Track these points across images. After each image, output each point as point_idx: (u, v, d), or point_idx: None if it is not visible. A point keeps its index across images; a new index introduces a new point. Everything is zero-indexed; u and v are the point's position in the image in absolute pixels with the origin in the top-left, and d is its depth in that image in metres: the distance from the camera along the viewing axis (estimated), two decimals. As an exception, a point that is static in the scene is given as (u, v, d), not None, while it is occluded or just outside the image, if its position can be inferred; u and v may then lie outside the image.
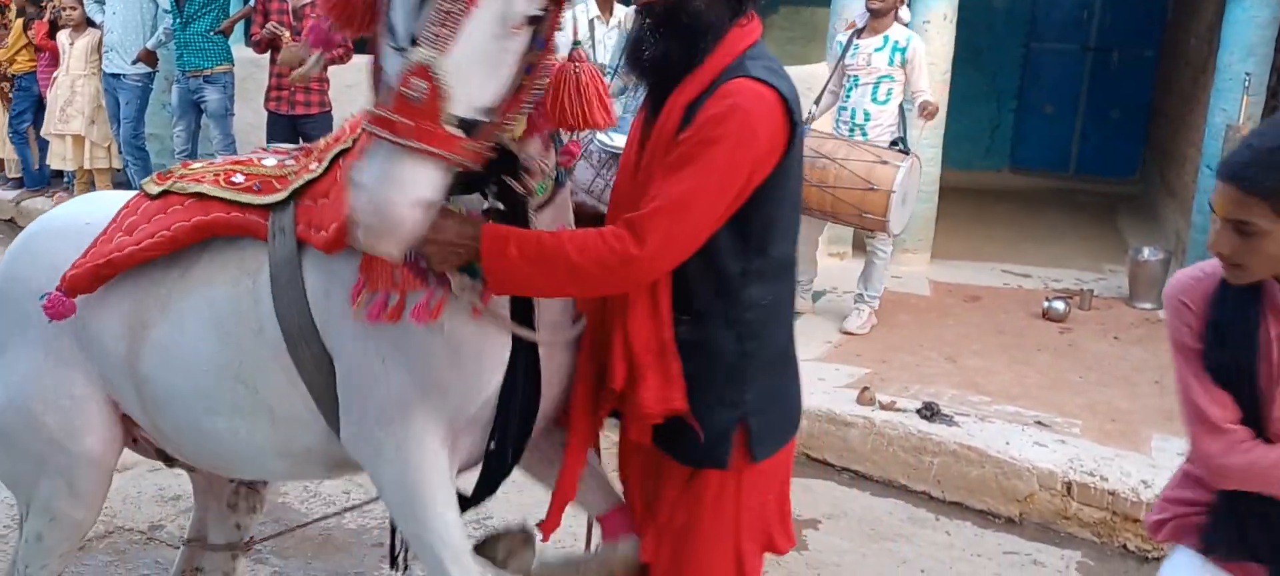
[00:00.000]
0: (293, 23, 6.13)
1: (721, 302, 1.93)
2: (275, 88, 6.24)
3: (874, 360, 5.05)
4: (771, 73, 1.84)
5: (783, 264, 1.99)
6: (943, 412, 4.31)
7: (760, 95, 1.80)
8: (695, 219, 1.80)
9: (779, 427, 2.07)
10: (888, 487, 4.22)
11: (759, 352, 1.97)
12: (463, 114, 1.64)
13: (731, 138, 1.78)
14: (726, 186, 1.80)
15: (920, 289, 6.30)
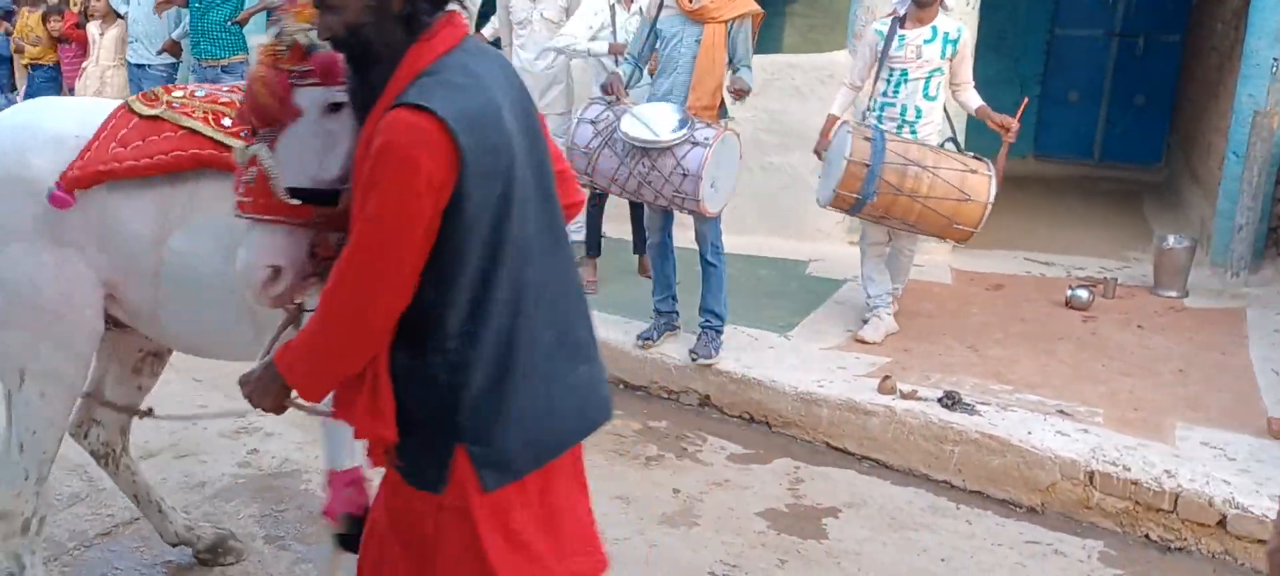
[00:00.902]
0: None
1: (424, 331, 1.88)
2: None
3: (895, 349, 5.03)
4: (443, 90, 1.78)
5: (481, 291, 1.87)
6: (964, 401, 4.29)
7: (412, 125, 1.73)
8: (382, 262, 1.79)
9: (520, 453, 1.97)
10: (909, 476, 4.21)
11: (471, 381, 1.89)
12: (301, 183, 2.01)
13: (387, 178, 1.75)
14: (399, 227, 1.77)
15: (942, 277, 6.28)
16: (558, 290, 2.02)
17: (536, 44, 6.20)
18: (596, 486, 3.99)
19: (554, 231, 2.02)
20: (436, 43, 1.85)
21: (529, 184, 1.91)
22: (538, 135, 1.99)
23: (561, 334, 2.02)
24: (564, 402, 2.03)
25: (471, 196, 1.78)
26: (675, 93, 4.78)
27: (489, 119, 1.80)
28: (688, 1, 4.75)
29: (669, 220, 5.00)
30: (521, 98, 1.97)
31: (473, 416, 1.92)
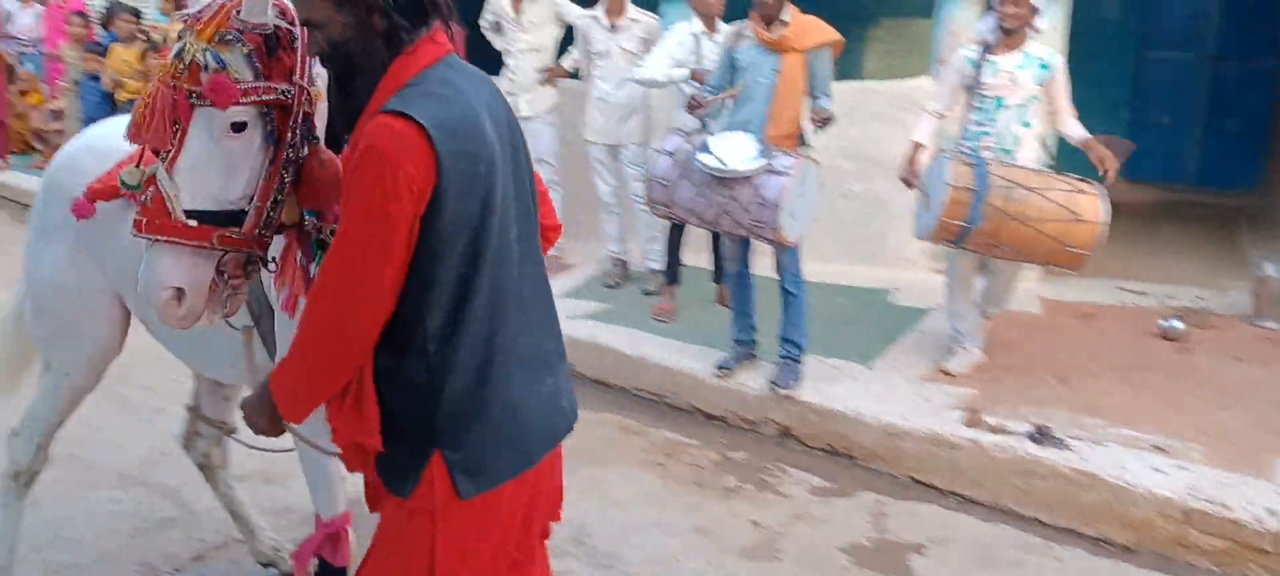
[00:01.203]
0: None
1: (406, 334, 1.90)
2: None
3: (982, 381, 4.93)
4: (424, 100, 1.81)
5: (460, 295, 1.89)
6: (1054, 436, 4.18)
7: (393, 131, 1.77)
8: (364, 266, 1.81)
9: (492, 462, 1.99)
10: (997, 512, 4.11)
11: (450, 385, 1.91)
12: (202, 206, 2.03)
13: (367, 182, 1.78)
14: (381, 230, 1.78)
15: (1030, 306, 6.14)
16: (532, 300, 2.05)
17: (615, 75, 6.25)
18: (673, 517, 4.01)
19: (531, 243, 2.07)
20: (418, 57, 1.90)
21: (509, 195, 1.95)
22: (520, 150, 2.04)
23: (534, 344, 2.05)
24: (535, 414, 2.05)
25: (451, 201, 1.81)
26: (753, 123, 4.77)
27: (469, 128, 1.84)
28: (766, 32, 4.74)
29: (747, 249, 4.98)
30: (505, 113, 2.02)
31: (451, 421, 1.94)
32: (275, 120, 2.09)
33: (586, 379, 5.51)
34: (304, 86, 2.11)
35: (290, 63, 2.11)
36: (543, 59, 6.72)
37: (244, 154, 2.07)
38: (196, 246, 2.04)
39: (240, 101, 2.02)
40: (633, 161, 6.36)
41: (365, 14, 1.87)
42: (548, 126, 6.79)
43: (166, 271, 2.04)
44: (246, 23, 2.05)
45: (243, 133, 2.05)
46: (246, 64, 2.04)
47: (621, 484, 4.34)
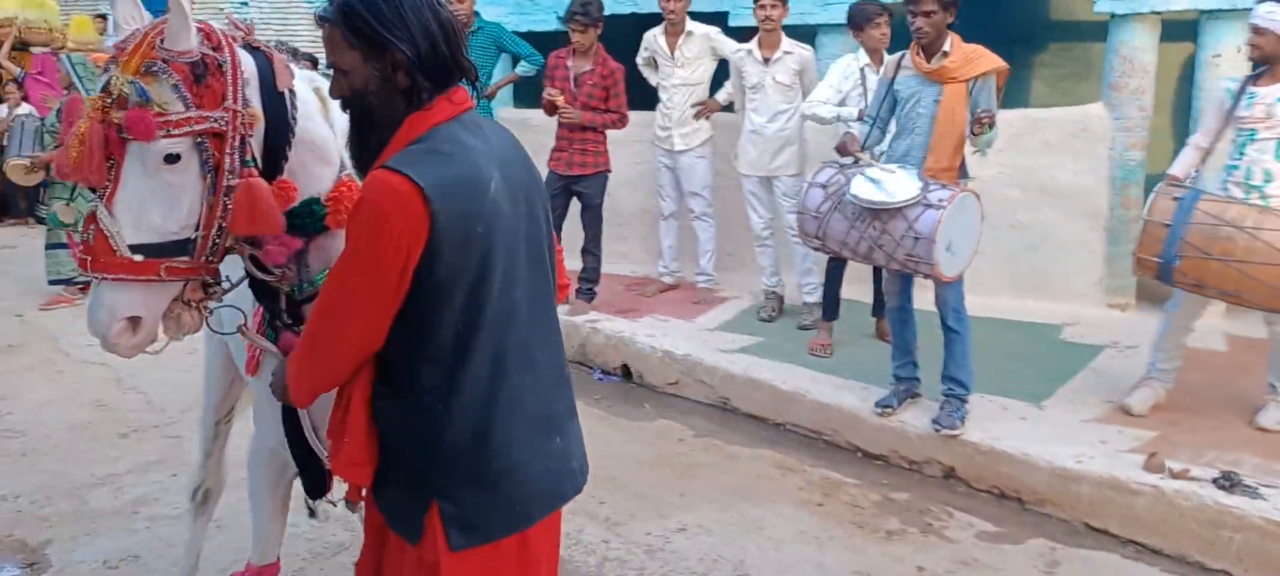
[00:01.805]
0: (572, 89, 6.41)
1: (402, 384, 1.96)
2: (556, 148, 6.55)
3: (1162, 422, 4.64)
4: (426, 157, 1.87)
5: (457, 351, 1.92)
6: (1244, 483, 3.89)
7: (389, 187, 1.82)
8: (344, 309, 1.89)
9: (487, 518, 2.00)
10: (1180, 564, 3.85)
11: (445, 435, 1.95)
12: (146, 240, 2.05)
13: (356, 231, 1.86)
14: (363, 277, 1.86)
15: (1215, 343, 5.76)
16: (542, 360, 2.06)
17: (769, 108, 6.22)
18: (833, 558, 3.92)
19: (544, 301, 2.09)
20: (433, 114, 1.95)
21: (517, 253, 1.97)
22: (536, 207, 2.06)
23: (541, 404, 2.06)
24: (538, 474, 2.05)
25: (445, 259, 1.85)
26: (913, 155, 4.65)
27: (469, 187, 1.88)
28: (925, 62, 4.63)
29: (908, 283, 4.84)
30: (521, 171, 2.04)
31: (447, 473, 1.97)
32: (211, 148, 2.08)
33: (740, 413, 5.46)
34: (237, 110, 2.10)
35: (221, 89, 2.09)
36: (697, 94, 6.74)
37: (182, 185, 2.07)
38: (145, 281, 2.07)
39: (170, 133, 2.02)
40: (786, 194, 6.30)
41: (391, 70, 1.94)
42: (700, 160, 6.80)
43: (117, 304, 2.07)
44: (171, 52, 2.04)
45: (177, 164, 2.05)
46: (174, 94, 2.03)
47: (778, 522, 4.27)
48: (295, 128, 2.23)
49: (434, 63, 1.94)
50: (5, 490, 4.58)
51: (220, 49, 2.11)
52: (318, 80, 2.42)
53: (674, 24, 6.69)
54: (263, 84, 2.19)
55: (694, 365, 5.72)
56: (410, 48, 1.91)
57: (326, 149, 2.33)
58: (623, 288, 7.21)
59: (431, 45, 1.93)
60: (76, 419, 5.26)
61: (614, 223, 7.47)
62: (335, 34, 1.95)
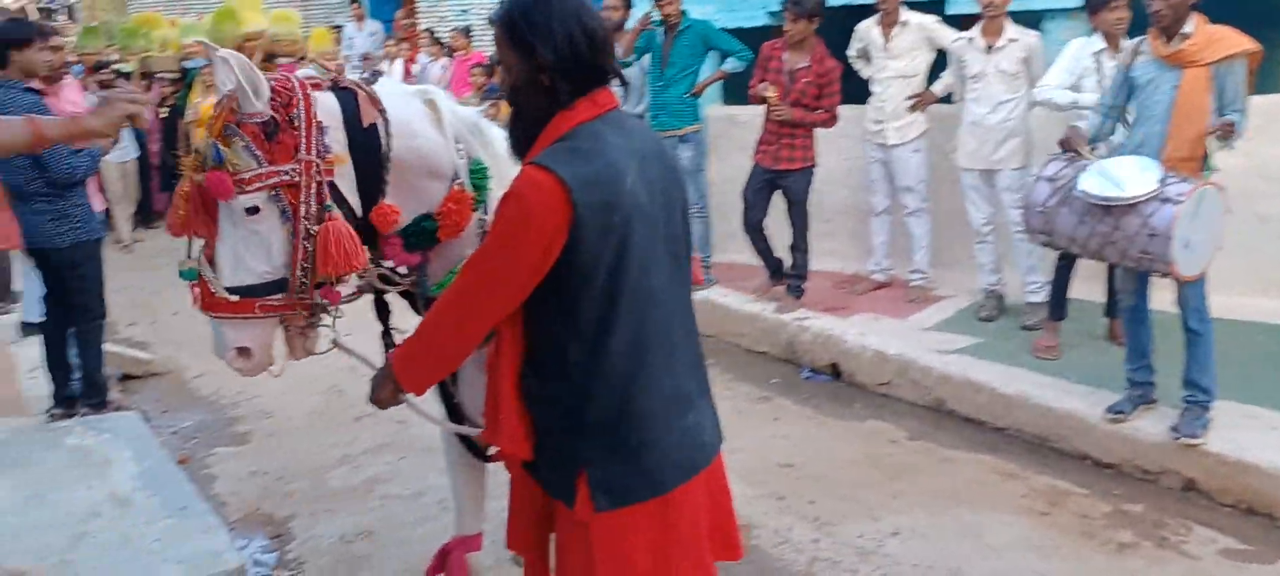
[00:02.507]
0: (785, 84, 6.36)
1: (550, 360, 2.16)
2: (762, 141, 6.52)
3: None
4: (569, 154, 2.04)
5: (599, 330, 2.10)
6: None
7: (535, 182, 2.01)
8: (483, 290, 2.10)
9: (628, 484, 2.17)
10: None
11: (590, 408, 2.14)
12: (242, 283, 2.31)
13: (503, 223, 2.06)
14: (506, 263, 2.05)
15: None
16: (678, 343, 2.23)
17: (991, 98, 5.96)
18: (1058, 569, 3.72)
19: (680, 288, 2.26)
20: (576, 114, 2.11)
21: (655, 241, 2.14)
22: (673, 200, 2.22)
23: (676, 383, 2.22)
24: (673, 447, 2.21)
25: (586, 245, 2.03)
26: (1149, 144, 4.35)
27: (608, 181, 2.05)
28: (1163, 45, 4.32)
29: (1144, 281, 4.53)
30: (660, 167, 2.20)
31: (592, 442, 2.16)
32: (286, 198, 2.30)
33: (956, 416, 5.27)
34: (311, 160, 2.29)
35: (293, 142, 2.30)
36: (913, 85, 6.54)
37: (266, 232, 2.30)
38: (244, 318, 2.33)
39: (244, 190, 2.25)
40: (1009, 188, 6.01)
41: (536, 71, 2.11)
42: (915, 154, 6.60)
43: (229, 337, 2.37)
44: (243, 115, 2.26)
45: (258, 215, 2.28)
46: (247, 154, 2.26)
47: (999, 529, 4.09)
48: (389, 155, 2.41)
49: (575, 67, 2.10)
50: (255, 466, 4.97)
51: (291, 104, 2.31)
52: (432, 92, 2.58)
53: (888, 14, 6.52)
54: (348, 123, 2.39)
55: (907, 365, 5.56)
56: (552, 53, 2.08)
57: (434, 162, 2.50)
58: (831, 285, 7.09)
59: (572, 52, 2.09)
60: (315, 403, 5.64)
61: (821, 218, 7.35)
62: (499, 34, 2.15)
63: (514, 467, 2.39)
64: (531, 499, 2.42)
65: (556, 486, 2.25)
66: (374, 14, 14.97)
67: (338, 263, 2.35)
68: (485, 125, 2.62)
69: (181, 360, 6.55)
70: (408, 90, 2.57)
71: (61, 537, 3.68)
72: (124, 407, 5.48)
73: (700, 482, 2.29)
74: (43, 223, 5.11)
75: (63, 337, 5.35)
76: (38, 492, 4.05)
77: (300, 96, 2.33)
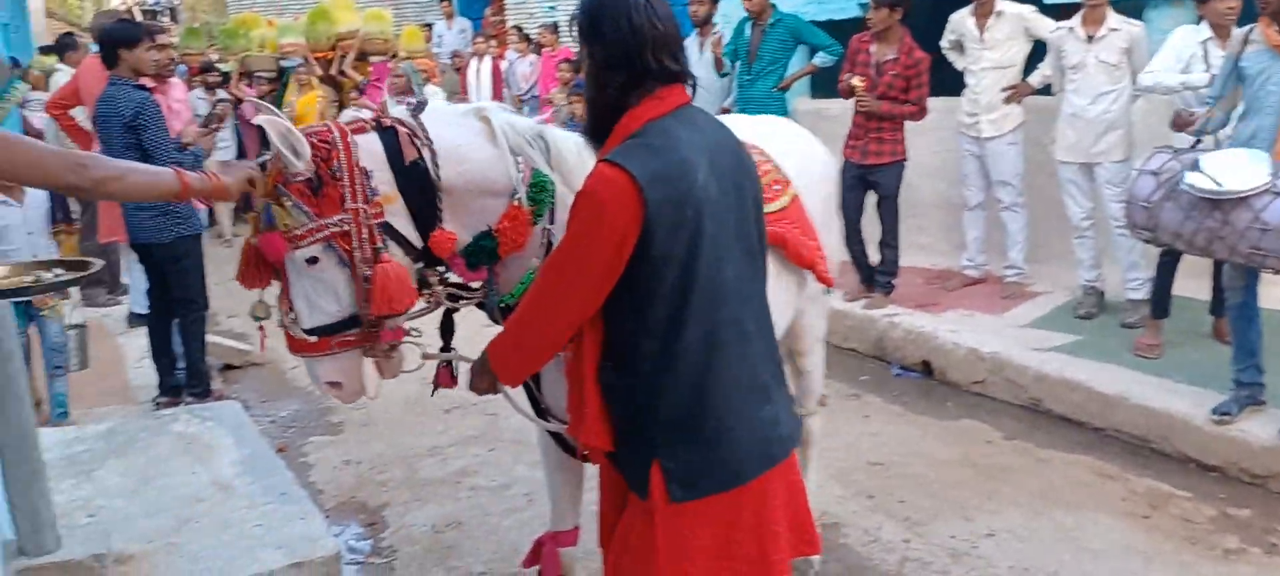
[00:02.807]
0: (873, 76, 6.27)
1: (624, 354, 2.20)
2: (851, 136, 6.43)
3: None
4: (640, 151, 2.08)
5: (672, 324, 2.13)
6: None
7: (607, 179, 2.06)
8: (562, 289, 2.16)
9: (702, 475, 2.20)
10: None
11: (663, 400, 2.18)
12: (318, 324, 2.45)
13: (578, 220, 2.11)
14: (582, 261, 2.11)
15: None
16: (753, 333, 2.25)
17: (1091, 89, 5.78)
18: (1159, 573, 3.59)
19: (754, 280, 2.29)
20: (645, 110, 2.16)
21: (727, 234, 2.17)
22: (746, 193, 2.25)
23: (752, 374, 2.24)
24: (748, 438, 2.23)
25: (658, 240, 2.07)
26: (1261, 137, 4.19)
27: (678, 176, 2.08)
28: (1277, 34, 4.14)
29: (1254, 277, 4.36)
30: (731, 160, 2.23)
31: (666, 435, 2.20)
32: (339, 246, 2.40)
33: (1053, 415, 5.14)
34: (357, 209, 2.38)
35: (338, 193, 2.38)
36: (1008, 77, 6.39)
37: (329, 278, 2.43)
38: (324, 355, 2.47)
39: (298, 246, 2.38)
40: (1110, 181, 5.83)
41: (605, 68, 2.17)
42: (1010, 146, 6.45)
43: (316, 372, 2.52)
44: (288, 176, 2.36)
45: (318, 264, 2.41)
46: (298, 212, 2.37)
47: (1098, 533, 3.97)
48: (440, 183, 2.48)
49: (627, 65, 2.15)
50: (350, 455, 5.08)
51: (331, 158, 2.38)
52: (487, 109, 2.60)
53: (983, 4, 6.38)
54: (392, 161, 2.46)
55: (1002, 363, 5.43)
56: (604, 54, 2.16)
57: (488, 182, 2.53)
58: (922, 280, 6.97)
59: (625, 55, 2.14)
60: (408, 394, 5.72)
61: (913, 213, 7.24)
62: (579, 35, 2.23)
63: (601, 462, 2.43)
64: (617, 494, 2.45)
65: (632, 477, 2.29)
66: (463, 11, 15.20)
67: (388, 303, 2.42)
68: (550, 133, 2.62)
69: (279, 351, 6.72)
70: (460, 111, 2.61)
71: (168, 521, 3.81)
72: (226, 396, 5.66)
73: (777, 475, 2.29)
74: (147, 219, 5.31)
75: (167, 329, 5.54)
76: (145, 477, 4.19)
77: (340, 148, 2.40)
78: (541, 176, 2.55)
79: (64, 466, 4.22)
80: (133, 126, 5.16)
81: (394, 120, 2.50)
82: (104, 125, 5.31)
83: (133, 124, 5.16)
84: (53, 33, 12.99)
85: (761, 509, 2.26)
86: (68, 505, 3.81)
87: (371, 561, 4.06)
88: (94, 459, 4.39)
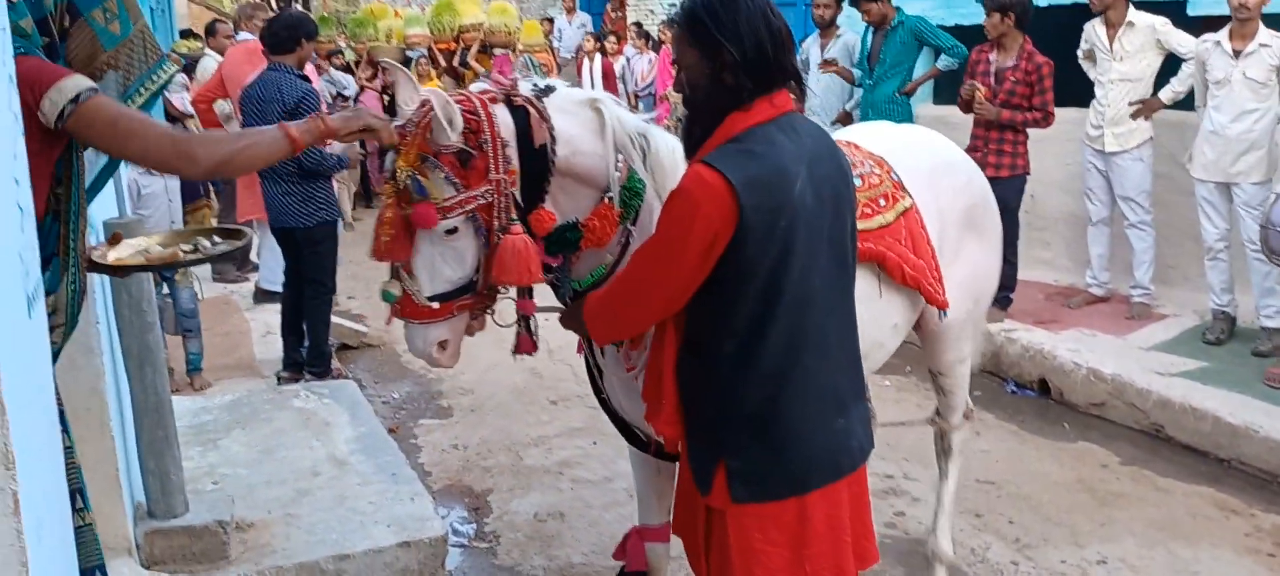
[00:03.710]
0: (992, 84, 6.13)
1: (705, 350, 2.22)
2: (970, 147, 6.28)
3: None
4: (739, 156, 2.08)
5: (755, 327, 2.14)
6: None
7: (703, 181, 2.06)
8: (648, 286, 2.21)
9: (767, 478, 2.21)
10: None
11: (737, 401, 2.19)
12: (439, 290, 2.48)
13: (670, 218, 2.14)
14: (671, 257, 2.12)
15: None
16: (836, 343, 2.26)
17: (1235, 106, 5.52)
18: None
19: (842, 289, 2.28)
20: (752, 115, 2.15)
21: (819, 243, 2.16)
22: (842, 200, 2.25)
23: (830, 384, 2.25)
24: (818, 448, 2.23)
25: (749, 247, 2.07)
26: None
27: (775, 185, 2.08)
28: None
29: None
30: (831, 169, 2.22)
31: (736, 434, 2.21)
32: (480, 217, 2.44)
33: (1175, 443, 4.95)
34: (500, 179, 2.42)
35: (484, 165, 2.41)
36: (1138, 90, 6.15)
37: (463, 247, 2.47)
38: (440, 317, 2.51)
39: (446, 216, 2.39)
40: (1248, 203, 5.56)
41: (719, 70, 2.14)
42: (1137, 162, 6.20)
43: (429, 335, 2.53)
44: (438, 144, 2.37)
45: (455, 234, 2.44)
46: (445, 182, 2.39)
47: (1219, 569, 3.82)
48: (554, 168, 2.50)
49: (759, 66, 2.13)
50: (458, 440, 5.20)
51: (479, 130, 2.41)
52: (601, 100, 2.61)
53: (1113, 13, 6.15)
54: (521, 139, 2.48)
55: (1123, 386, 5.25)
56: (738, 50, 2.11)
57: (592, 174, 2.55)
58: (1043, 296, 6.77)
59: (758, 50, 2.12)
60: (515, 382, 5.84)
61: (1036, 227, 7.04)
62: (680, 35, 2.20)
63: (678, 452, 2.44)
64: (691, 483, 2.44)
65: (698, 471, 2.30)
66: (584, 7, 15.33)
67: (512, 274, 2.45)
68: (652, 133, 2.63)
69: (394, 333, 6.92)
70: (577, 99, 2.62)
71: (287, 492, 3.96)
72: (343, 375, 5.85)
73: (844, 486, 2.29)
74: (292, 204, 5.52)
75: (299, 308, 5.75)
76: (267, 449, 4.37)
77: (485, 120, 2.44)
78: (635, 180, 2.57)
79: (192, 434, 4.43)
80: (294, 113, 5.28)
81: (525, 99, 2.53)
82: (259, 107, 5.48)
83: (294, 111, 5.31)
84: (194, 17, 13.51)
85: (830, 518, 2.26)
86: (194, 471, 3.99)
87: (475, 545, 4.15)
88: (220, 428, 4.59)
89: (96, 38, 2.32)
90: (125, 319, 3.37)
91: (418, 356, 2.61)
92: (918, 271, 3.01)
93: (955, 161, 3.52)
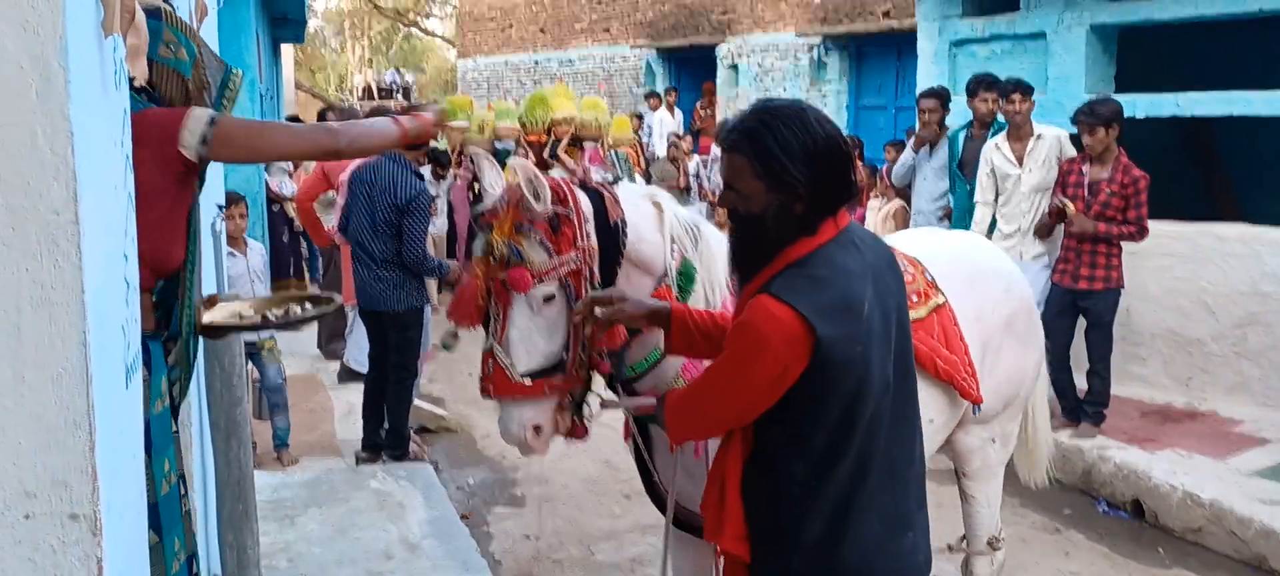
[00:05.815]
0: (1086, 196, 6.01)
1: (775, 469, 2.14)
2: (1061, 260, 6.15)
3: None
4: (806, 283, 2.02)
5: (828, 453, 2.08)
6: None
7: (772, 315, 2.00)
8: (714, 406, 2.16)
9: None
10: None
11: (807, 523, 2.12)
12: (534, 366, 2.46)
13: (737, 353, 2.07)
14: (738, 390, 2.07)
15: None
16: (901, 462, 2.20)
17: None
18: None
19: (908, 404, 2.23)
20: (817, 238, 2.09)
21: (887, 362, 2.10)
22: (903, 317, 2.20)
23: (895, 503, 2.19)
24: (885, 567, 2.19)
25: (825, 377, 2.02)
26: None
27: (847, 311, 2.03)
28: None
29: None
30: (891, 280, 2.19)
31: (804, 559, 2.14)
32: (572, 283, 2.47)
33: (1272, 572, 4.68)
34: (586, 248, 2.48)
35: (572, 233, 2.47)
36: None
37: (556, 317, 2.48)
38: (535, 396, 2.47)
39: (542, 281, 2.43)
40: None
41: (790, 200, 2.05)
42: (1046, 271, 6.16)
43: (524, 416, 2.49)
44: (532, 212, 2.44)
45: (552, 302, 2.46)
46: (540, 248, 2.43)
47: None
48: (625, 251, 2.57)
49: (831, 193, 2.07)
50: (529, 530, 5.17)
51: (565, 201, 2.49)
52: (659, 195, 2.73)
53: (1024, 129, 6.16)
54: (597, 219, 2.55)
55: (1223, 512, 5.00)
56: (813, 183, 2.04)
57: (651, 262, 2.64)
58: (1138, 414, 6.54)
59: (830, 177, 2.06)
60: (588, 472, 5.80)
61: (1130, 341, 6.83)
62: (743, 164, 2.08)
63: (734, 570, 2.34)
64: None
65: None
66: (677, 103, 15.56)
67: (610, 337, 2.52)
68: (704, 226, 2.74)
69: (472, 418, 6.96)
70: (640, 193, 2.75)
71: (359, 572, 3.97)
72: (421, 458, 5.88)
73: None
74: (386, 289, 5.59)
75: (382, 390, 5.81)
76: (342, 528, 4.39)
77: (568, 191, 2.53)
78: (690, 265, 2.66)
79: (270, 509, 4.48)
80: (402, 209, 5.42)
81: (599, 185, 2.64)
82: (367, 192, 5.55)
83: (404, 207, 5.43)
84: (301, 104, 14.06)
85: None
86: (271, 547, 4.03)
87: (544, 639, 4.09)
88: (297, 505, 4.64)
89: (176, 71, 2.40)
90: (216, 391, 3.44)
91: (510, 443, 2.60)
92: (950, 366, 3.06)
93: (998, 268, 3.60)
